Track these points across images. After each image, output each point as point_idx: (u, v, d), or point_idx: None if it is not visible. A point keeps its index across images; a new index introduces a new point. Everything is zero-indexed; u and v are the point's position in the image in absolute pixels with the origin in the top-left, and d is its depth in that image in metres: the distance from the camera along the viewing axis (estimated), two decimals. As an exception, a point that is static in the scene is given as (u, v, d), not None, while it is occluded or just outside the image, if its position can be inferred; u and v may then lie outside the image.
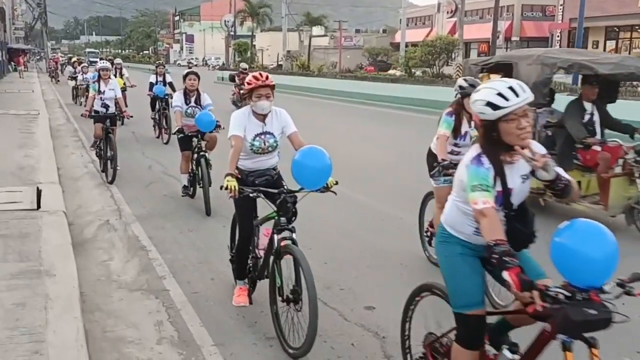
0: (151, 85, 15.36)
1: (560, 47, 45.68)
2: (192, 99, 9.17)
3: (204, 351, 4.52)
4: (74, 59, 34.32)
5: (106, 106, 10.66)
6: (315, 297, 4.20)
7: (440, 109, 6.71)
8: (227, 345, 4.61)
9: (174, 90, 13.99)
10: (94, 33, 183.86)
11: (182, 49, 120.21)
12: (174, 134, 9.09)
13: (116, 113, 10.99)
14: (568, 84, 21.87)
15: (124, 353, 4.45)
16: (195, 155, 8.87)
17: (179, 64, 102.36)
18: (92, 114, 10.76)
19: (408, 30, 52.62)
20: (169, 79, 15.52)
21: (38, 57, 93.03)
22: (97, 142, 11.12)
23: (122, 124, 14.38)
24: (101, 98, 10.63)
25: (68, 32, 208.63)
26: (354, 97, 28.92)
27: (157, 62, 17.06)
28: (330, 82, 33.93)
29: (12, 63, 52.32)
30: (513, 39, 27.27)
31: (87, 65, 25.04)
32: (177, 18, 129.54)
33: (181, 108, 9.05)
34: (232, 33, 68.84)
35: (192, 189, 9.22)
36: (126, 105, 12.85)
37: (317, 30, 65.44)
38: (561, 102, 17.30)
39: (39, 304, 4.86)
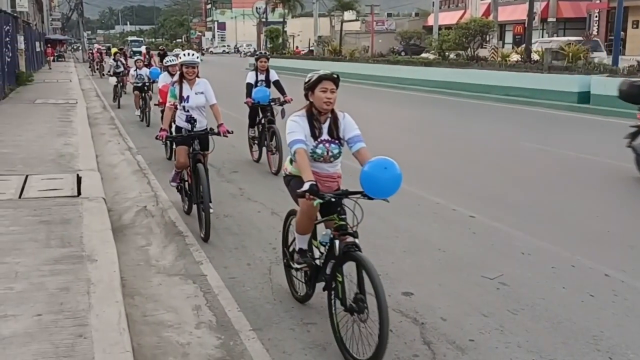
0: (250, 87, 10.43)
1: (598, 27, 44.71)
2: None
3: (242, 336, 4.55)
4: (113, 50, 30.66)
5: (192, 120, 7.25)
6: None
7: (475, 92, 6.61)
8: (265, 330, 4.64)
9: (283, 92, 10.39)
10: (128, 23, 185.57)
11: (214, 36, 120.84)
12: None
13: (208, 130, 7.37)
14: (608, 65, 21.35)
15: (163, 337, 4.51)
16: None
17: (211, 51, 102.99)
18: (172, 133, 7.74)
19: (441, 12, 51.91)
20: (274, 76, 10.68)
21: (75, 48, 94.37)
22: (180, 174, 7.77)
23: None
24: (184, 108, 7.30)
25: (103, 22, 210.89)
26: (386, 82, 28.71)
27: (257, 52, 11.88)
28: (362, 66, 33.69)
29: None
30: (549, 20, 26.69)
31: (143, 58, 19.31)
32: (209, 6, 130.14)
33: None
34: (263, 20, 68.79)
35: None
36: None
37: (348, 15, 64.89)
38: (599, 83, 16.75)
39: (81, 288, 4.95)
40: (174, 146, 8.83)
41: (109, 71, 22.54)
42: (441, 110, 19.48)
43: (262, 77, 10.47)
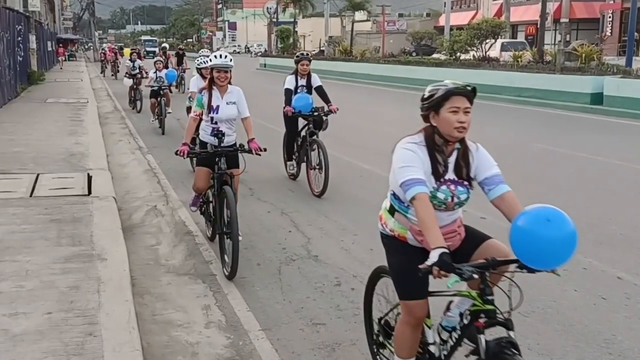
0: (289, 94, 9.03)
1: (612, 28, 44.42)
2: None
3: (251, 336, 4.54)
4: (126, 51, 29.98)
5: (219, 134, 6.07)
6: None
7: (486, 92, 6.57)
8: (274, 331, 4.63)
9: (327, 100, 9.18)
10: (139, 22, 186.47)
11: (224, 36, 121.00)
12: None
13: (238, 146, 6.18)
14: (621, 66, 21.22)
15: (173, 336, 4.52)
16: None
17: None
18: (195, 149, 6.40)
19: (452, 13, 51.77)
20: (317, 81, 9.25)
21: (86, 47, 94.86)
22: (201, 199, 6.70)
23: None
24: (212, 120, 6.15)
25: (114, 22, 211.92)
26: (397, 82, 28.66)
27: (298, 53, 9.75)
28: (373, 67, 33.64)
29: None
30: (562, 20, 26.45)
31: (162, 59, 17.27)
32: (220, 6, 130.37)
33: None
34: (274, 20, 68.86)
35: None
36: None
37: (359, 15, 64.84)
38: (612, 84, 16.69)
39: (91, 287, 4.97)
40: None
41: (126, 73, 20.17)
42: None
43: (302, 82, 9.17)
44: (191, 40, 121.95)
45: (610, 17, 46.17)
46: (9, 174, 9.03)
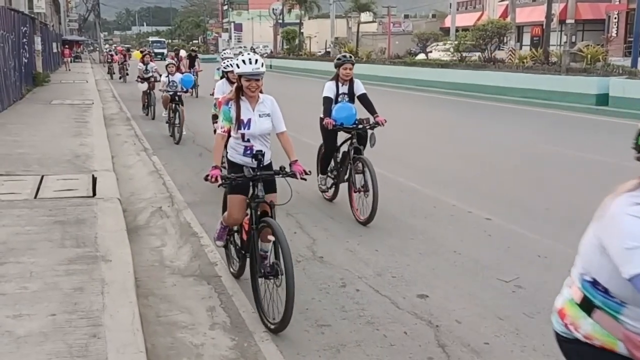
0: (329, 103, 7.72)
1: (617, 29, 44.27)
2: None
3: (255, 337, 4.53)
4: (136, 53, 28.31)
5: (260, 155, 5.01)
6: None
7: (492, 93, 6.52)
8: (281, 333, 4.61)
9: (373, 110, 7.80)
10: (144, 24, 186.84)
11: (230, 37, 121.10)
12: None
13: (279, 169, 5.03)
14: (627, 67, 21.16)
15: (177, 337, 4.51)
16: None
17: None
18: (227, 175, 5.01)
19: (458, 14, 51.69)
20: (360, 88, 7.89)
21: (91, 49, 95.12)
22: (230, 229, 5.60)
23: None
24: (243, 137, 5.05)
25: (120, 23, 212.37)
26: (403, 83, 28.64)
27: (339, 55, 8.25)
28: (379, 68, 33.62)
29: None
30: (568, 21, 26.34)
31: (174, 61, 16.45)
32: (225, 7, 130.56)
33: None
34: (280, 21, 68.91)
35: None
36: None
37: (365, 16, 64.78)
38: (617, 85, 16.68)
39: (96, 288, 4.96)
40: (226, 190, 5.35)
41: (138, 77, 18.80)
42: (458, 112, 19.38)
43: (344, 89, 7.80)
44: (197, 41, 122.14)
45: (616, 18, 46.03)
46: (13, 176, 9.04)
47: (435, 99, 23.36)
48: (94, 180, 8.84)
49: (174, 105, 13.71)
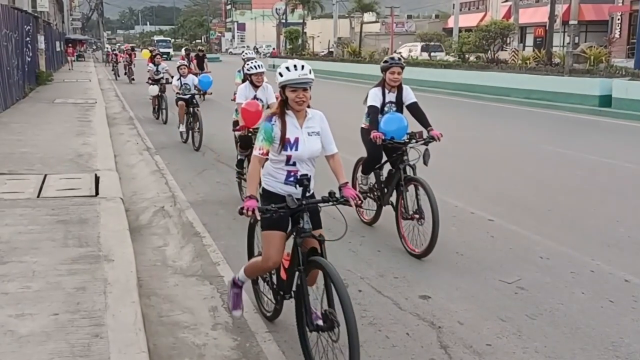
0: (375, 112, 6.71)
1: (620, 30, 44.21)
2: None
3: (258, 338, 4.54)
4: (145, 53, 27.18)
5: (305, 181, 4.13)
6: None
7: (495, 94, 6.52)
8: (281, 333, 4.62)
9: (426, 122, 6.84)
10: (148, 23, 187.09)
11: (233, 37, 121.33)
12: None
13: (329, 195, 4.18)
14: (630, 68, 21.13)
15: (179, 338, 4.51)
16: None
17: (230, 52, 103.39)
18: (266, 207, 4.04)
19: (461, 15, 51.71)
20: (410, 96, 6.91)
21: (94, 48, 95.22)
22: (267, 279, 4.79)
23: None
24: (288, 160, 4.19)
25: (123, 22, 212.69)
26: (406, 84, 28.54)
27: (387, 58, 7.06)
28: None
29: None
30: (571, 22, 26.40)
31: (185, 62, 15.12)
32: (228, 7, 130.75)
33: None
34: (283, 21, 68.93)
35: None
36: None
37: (368, 16, 64.84)
38: (620, 86, 16.65)
39: (98, 288, 4.97)
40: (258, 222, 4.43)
41: (149, 78, 17.70)
42: (461, 113, 19.36)
43: (391, 96, 6.80)
44: (200, 40, 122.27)
45: (619, 19, 46.00)
46: (16, 175, 9.06)
47: (437, 100, 23.30)
48: (97, 179, 8.85)
49: (191, 109, 12.79)
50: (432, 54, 30.29)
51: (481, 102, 21.94)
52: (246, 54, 11.02)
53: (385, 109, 6.78)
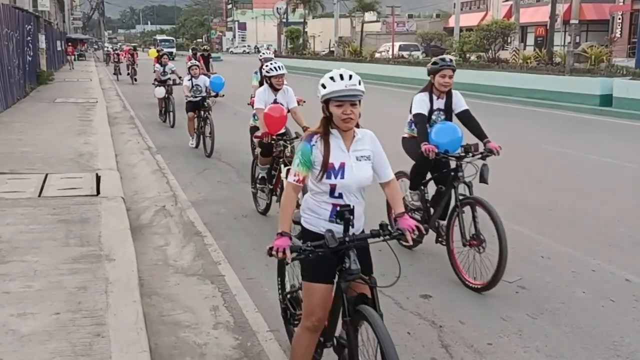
0: (422, 120, 5.88)
1: (621, 30, 44.18)
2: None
3: (259, 337, 4.54)
4: (151, 52, 27.04)
5: (348, 213, 3.34)
6: None
7: (496, 94, 6.50)
8: (283, 332, 4.60)
9: (481, 134, 6.06)
10: (149, 22, 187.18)
11: (234, 36, 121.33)
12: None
13: (379, 229, 3.40)
14: (631, 67, 21.12)
15: (180, 337, 4.52)
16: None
17: (231, 51, 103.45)
18: (300, 245, 3.27)
19: (462, 14, 51.60)
20: (460, 103, 6.06)
21: (95, 47, 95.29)
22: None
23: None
24: (332, 190, 3.40)
25: (124, 21, 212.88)
26: (407, 83, 28.61)
27: (436, 59, 5.97)
28: (382, 67, 33.61)
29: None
30: (572, 22, 26.33)
31: (196, 63, 13.44)
32: (229, 6, 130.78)
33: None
34: (284, 20, 68.95)
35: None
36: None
37: (369, 16, 64.85)
38: (621, 85, 16.60)
39: (99, 287, 4.97)
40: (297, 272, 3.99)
41: (155, 80, 16.90)
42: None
43: (439, 103, 5.97)
44: (201, 40, 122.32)
45: (620, 18, 45.94)
46: (17, 174, 9.06)
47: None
48: (98, 178, 8.85)
49: (202, 112, 12.11)
50: (411, 53, 31.34)
51: (482, 102, 21.90)
52: (263, 53, 10.26)
53: (433, 117, 5.94)
